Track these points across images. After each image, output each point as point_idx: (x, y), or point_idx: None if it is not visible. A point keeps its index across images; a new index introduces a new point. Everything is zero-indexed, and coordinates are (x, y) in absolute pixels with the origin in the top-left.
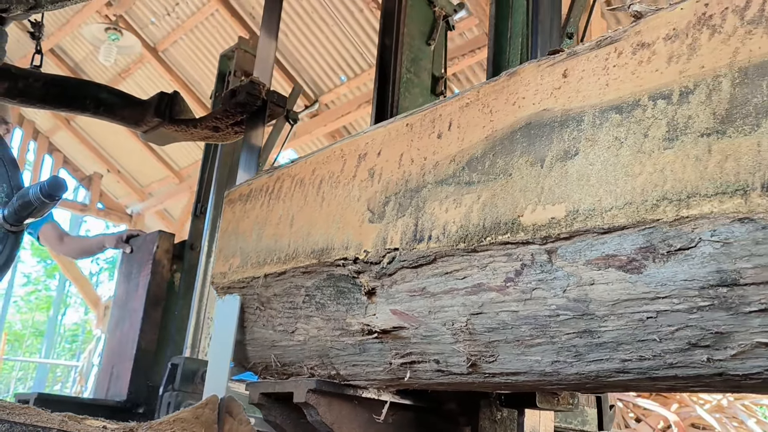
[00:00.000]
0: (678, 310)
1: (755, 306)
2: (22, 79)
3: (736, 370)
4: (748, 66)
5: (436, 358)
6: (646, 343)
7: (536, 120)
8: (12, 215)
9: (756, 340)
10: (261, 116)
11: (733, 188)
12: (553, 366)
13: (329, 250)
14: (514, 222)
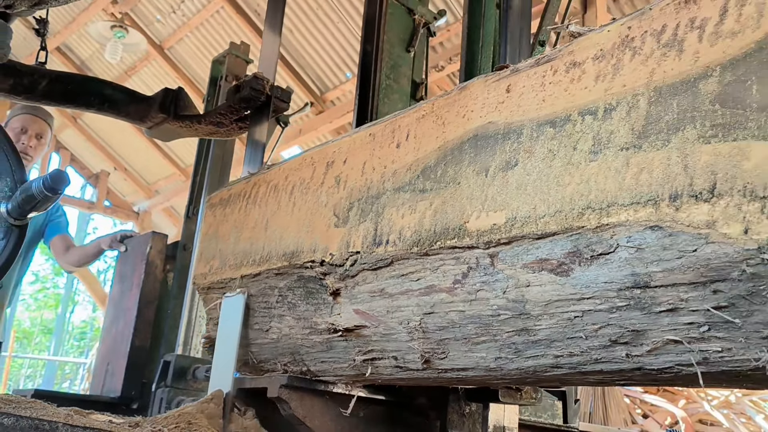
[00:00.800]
0: (600, 309)
1: (664, 306)
2: (27, 75)
3: (652, 365)
4: (662, 86)
5: (395, 354)
6: (575, 340)
7: (482, 132)
8: (16, 209)
9: (666, 337)
10: (265, 112)
11: (645, 198)
12: (496, 362)
13: (299, 253)
14: (461, 228)
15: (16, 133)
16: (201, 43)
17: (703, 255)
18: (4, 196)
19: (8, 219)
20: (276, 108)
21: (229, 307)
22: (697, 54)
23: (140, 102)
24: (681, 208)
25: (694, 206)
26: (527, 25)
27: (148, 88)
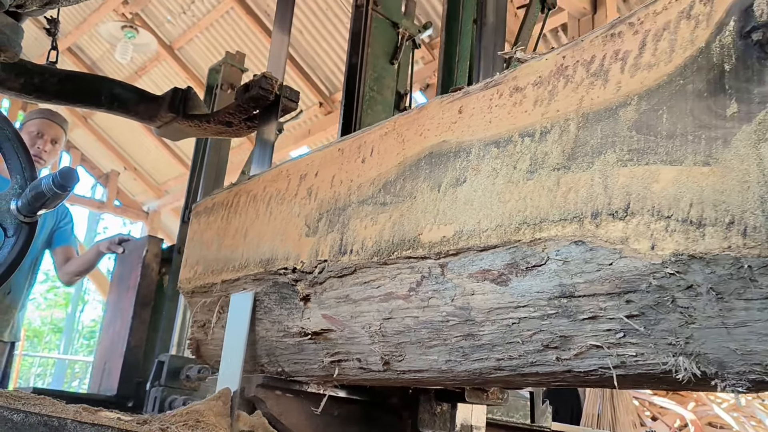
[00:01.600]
0: (534, 317)
1: (587, 314)
2: (38, 75)
3: (579, 368)
4: (589, 112)
5: (358, 356)
6: (513, 344)
7: (437, 150)
8: (26, 206)
9: (589, 342)
10: (274, 111)
11: (572, 215)
12: (447, 364)
13: (274, 260)
14: (415, 239)
15: (32, 137)
16: (211, 44)
17: (618, 268)
18: (15, 193)
19: (18, 216)
20: (285, 108)
21: (237, 305)
22: (619, 84)
23: (149, 101)
24: (600, 225)
25: (611, 224)
26: (501, 41)
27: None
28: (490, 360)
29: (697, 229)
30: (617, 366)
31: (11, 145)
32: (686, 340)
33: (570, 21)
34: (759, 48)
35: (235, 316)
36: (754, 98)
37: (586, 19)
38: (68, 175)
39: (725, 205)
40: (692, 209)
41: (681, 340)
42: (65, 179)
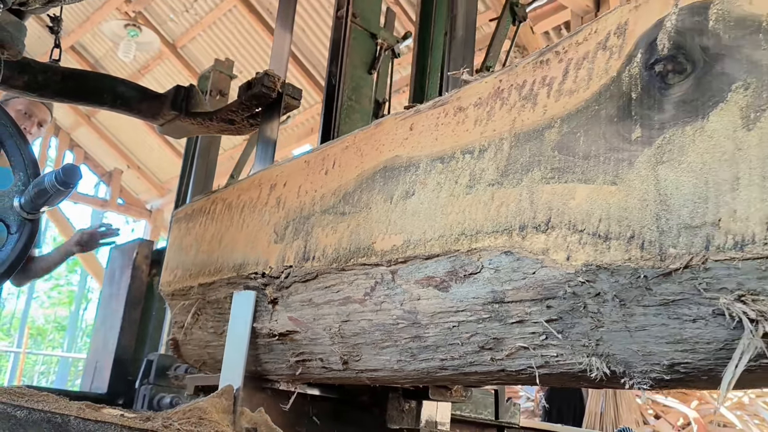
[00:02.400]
0: (471, 320)
1: (515, 318)
2: (41, 72)
3: (511, 367)
4: (520, 132)
5: (321, 356)
6: (454, 346)
7: (390, 164)
8: (29, 203)
9: (518, 344)
10: (276, 109)
11: (503, 228)
12: (398, 364)
13: (245, 265)
14: (369, 248)
15: (19, 115)
16: (214, 42)
17: (540, 276)
18: (18, 190)
19: (21, 213)
20: (287, 105)
21: (239, 304)
22: (546, 107)
23: (152, 99)
24: (526, 237)
25: (535, 236)
26: (471, 54)
27: (161, 86)
28: (435, 360)
29: (604, 243)
30: (541, 366)
31: (14, 142)
32: (597, 342)
33: (573, 19)
34: (660, 79)
35: (237, 315)
36: (654, 124)
37: (589, 16)
38: (71, 172)
39: (627, 221)
40: (601, 224)
41: (593, 342)
42: (68, 176)
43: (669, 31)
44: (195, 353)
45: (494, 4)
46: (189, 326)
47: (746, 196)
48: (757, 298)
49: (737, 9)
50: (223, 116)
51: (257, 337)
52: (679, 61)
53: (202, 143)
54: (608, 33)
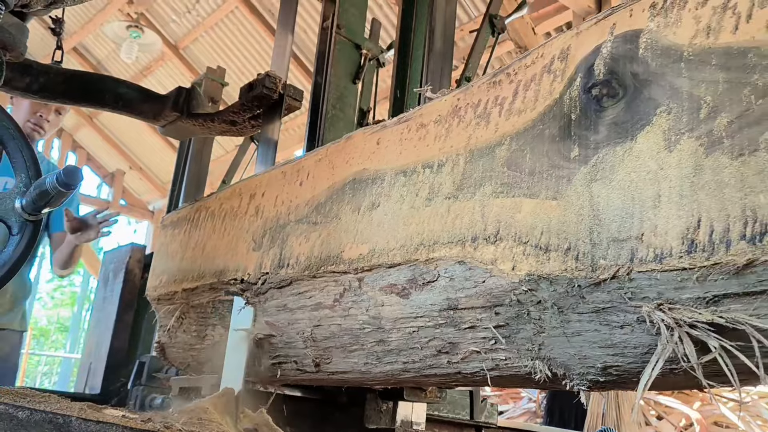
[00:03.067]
0: (429, 326)
1: (468, 324)
2: (43, 74)
3: (466, 370)
4: (474, 149)
5: (295, 359)
6: (414, 350)
7: (359, 177)
8: (30, 204)
9: (471, 348)
10: (277, 110)
11: (457, 239)
12: (365, 366)
13: (226, 272)
14: (338, 256)
15: (35, 103)
16: (216, 43)
17: (489, 285)
18: (19, 191)
19: (22, 214)
20: (288, 106)
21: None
22: (497, 125)
23: (154, 100)
24: (477, 248)
25: (485, 247)
26: (449, 66)
27: (163, 87)
28: (398, 363)
29: (545, 254)
30: (492, 369)
31: (16, 144)
32: (539, 347)
33: (575, 20)
34: (596, 101)
35: (238, 319)
36: (590, 144)
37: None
38: (72, 173)
39: (565, 234)
40: (542, 236)
41: (536, 347)
42: (69, 178)
43: (605, 57)
44: (180, 356)
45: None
46: (174, 330)
47: (666, 213)
48: (674, 307)
49: (663, 39)
50: (225, 117)
51: None
52: (613, 85)
53: (195, 149)
54: (553, 57)
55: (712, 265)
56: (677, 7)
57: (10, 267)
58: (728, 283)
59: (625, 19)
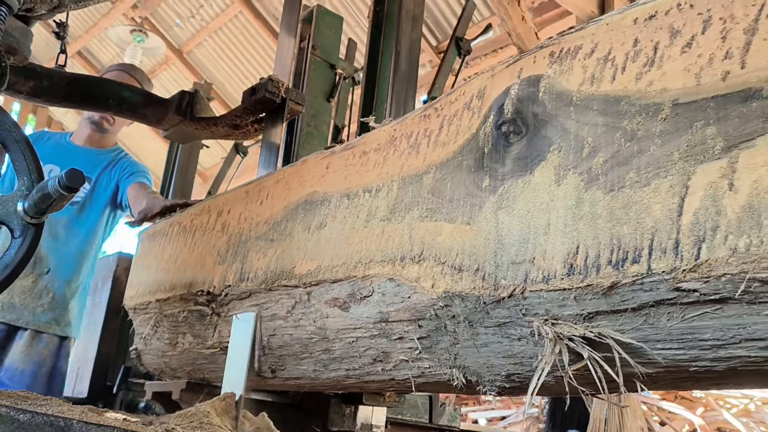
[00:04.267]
0: (366, 336)
1: (397, 335)
2: (46, 78)
3: (398, 377)
4: (406, 176)
5: (256, 366)
6: (354, 358)
7: (310, 198)
8: (32, 207)
9: (400, 357)
10: (280, 114)
11: (389, 258)
12: (314, 373)
13: (195, 284)
14: (290, 271)
15: None
16: (219, 48)
17: (413, 300)
18: (22, 194)
19: (25, 217)
20: (291, 110)
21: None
22: (425, 155)
23: (157, 104)
24: (405, 267)
25: (411, 266)
26: (413, 88)
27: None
28: (341, 370)
29: (458, 273)
30: (418, 376)
31: (19, 147)
32: (455, 357)
33: (578, 24)
34: (504, 138)
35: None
36: (498, 175)
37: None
38: (74, 176)
39: (475, 256)
40: (457, 258)
41: (452, 357)
42: (71, 180)
43: (513, 98)
44: (154, 362)
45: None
46: (149, 337)
47: (553, 240)
48: (557, 323)
49: (558, 84)
50: (228, 121)
51: (203, 348)
52: (518, 123)
53: (181, 162)
54: (472, 95)
55: (586, 286)
56: (570, 56)
57: (12, 270)
58: (599, 302)
59: (530, 64)
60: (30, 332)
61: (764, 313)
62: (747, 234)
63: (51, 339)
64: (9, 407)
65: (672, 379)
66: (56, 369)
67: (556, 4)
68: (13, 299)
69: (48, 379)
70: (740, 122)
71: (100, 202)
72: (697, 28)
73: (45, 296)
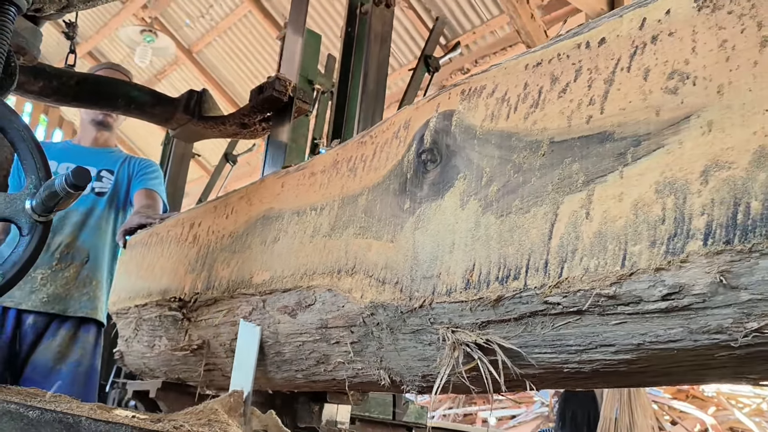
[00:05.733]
0: (310, 341)
1: (335, 340)
2: (56, 78)
3: (338, 377)
4: (345, 196)
5: (221, 367)
6: (302, 360)
7: (267, 214)
8: (40, 205)
9: (338, 360)
10: (287, 113)
11: (329, 270)
12: (270, 374)
13: (169, 291)
14: (249, 281)
15: None
16: (229, 47)
17: (347, 309)
18: (30, 193)
19: (33, 215)
20: (298, 109)
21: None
22: (361, 178)
23: (165, 104)
24: (341, 279)
25: (346, 278)
26: (381, 106)
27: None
28: (292, 371)
29: (382, 286)
30: (353, 376)
31: (26, 146)
32: (381, 359)
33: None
34: (423, 165)
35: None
36: (417, 199)
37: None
38: (81, 174)
39: (396, 270)
40: (382, 272)
41: (378, 359)
42: (78, 179)
43: (431, 130)
44: (135, 363)
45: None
46: (130, 340)
47: (456, 257)
48: (457, 330)
49: (466, 119)
50: (236, 120)
51: (176, 350)
52: (434, 153)
53: (171, 172)
54: (400, 126)
55: (479, 299)
56: (476, 95)
57: (20, 267)
58: (489, 312)
59: (446, 100)
60: (75, 322)
61: (612, 323)
62: (596, 256)
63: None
64: (18, 404)
65: (555, 378)
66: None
67: (565, 2)
68: (57, 290)
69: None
70: (597, 160)
71: (121, 195)
72: (571, 77)
73: (89, 285)
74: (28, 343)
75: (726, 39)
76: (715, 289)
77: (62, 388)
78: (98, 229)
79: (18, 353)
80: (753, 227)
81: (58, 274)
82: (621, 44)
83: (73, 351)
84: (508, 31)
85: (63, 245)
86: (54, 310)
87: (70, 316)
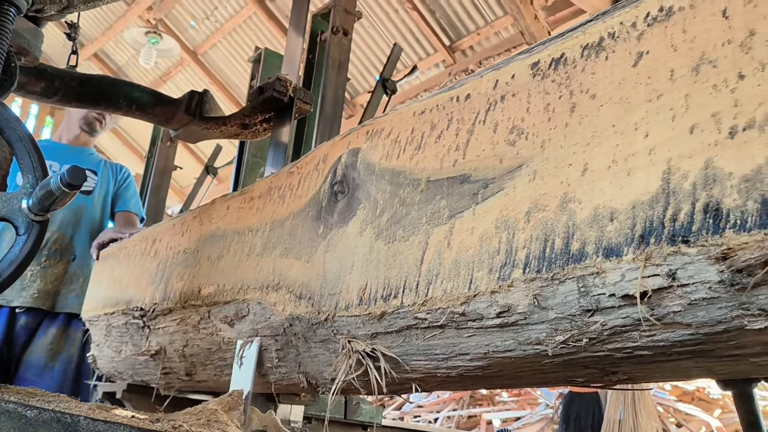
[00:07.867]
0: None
1: (264, 347)
2: (57, 78)
3: (270, 380)
4: (275, 220)
5: (176, 371)
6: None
7: (215, 233)
8: (36, 205)
9: (268, 364)
10: (288, 113)
11: (260, 285)
12: (215, 377)
13: (132, 301)
14: (197, 293)
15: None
16: (234, 49)
17: (272, 320)
18: (26, 192)
19: (29, 215)
20: (299, 109)
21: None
22: (288, 205)
23: (167, 104)
24: (268, 293)
25: (272, 293)
26: (337, 126)
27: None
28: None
29: (299, 300)
30: (281, 379)
31: (23, 145)
32: (299, 364)
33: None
34: (334, 195)
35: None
36: (329, 225)
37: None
38: (76, 173)
39: (310, 287)
40: (299, 288)
41: (297, 364)
42: (73, 178)
43: (342, 164)
44: (106, 366)
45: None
46: (101, 345)
47: (354, 277)
48: (353, 340)
49: (368, 157)
50: (237, 120)
51: (139, 355)
52: (343, 185)
53: (154, 183)
54: (319, 159)
55: (368, 314)
56: (377, 136)
57: (17, 266)
58: (377, 325)
59: (355, 138)
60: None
61: (465, 336)
62: (452, 279)
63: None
64: (16, 403)
65: (435, 381)
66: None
67: (569, 3)
68: (47, 286)
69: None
70: (458, 198)
71: (107, 197)
72: (444, 125)
73: (76, 281)
74: (20, 344)
75: (549, 102)
76: (532, 309)
77: (56, 385)
78: (85, 227)
79: (10, 355)
80: (555, 259)
81: (47, 271)
82: (480, 100)
83: (65, 348)
84: (512, 32)
85: (51, 242)
86: (44, 306)
87: (60, 313)
